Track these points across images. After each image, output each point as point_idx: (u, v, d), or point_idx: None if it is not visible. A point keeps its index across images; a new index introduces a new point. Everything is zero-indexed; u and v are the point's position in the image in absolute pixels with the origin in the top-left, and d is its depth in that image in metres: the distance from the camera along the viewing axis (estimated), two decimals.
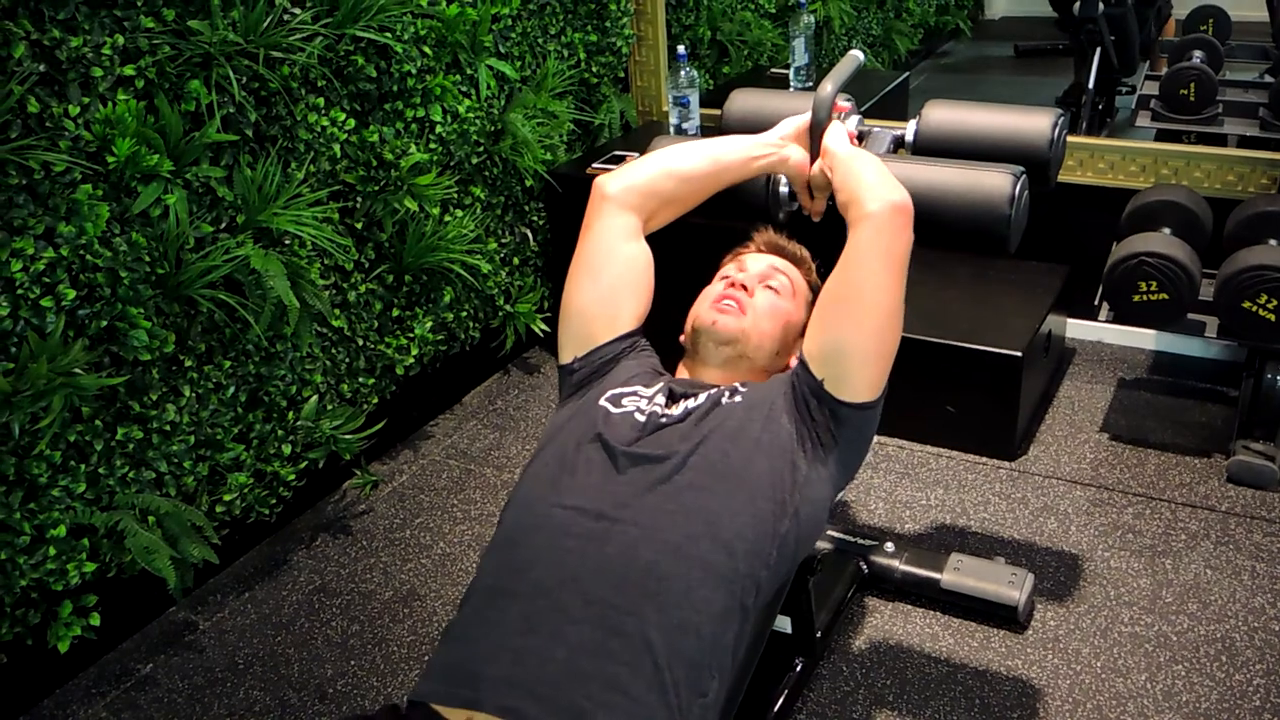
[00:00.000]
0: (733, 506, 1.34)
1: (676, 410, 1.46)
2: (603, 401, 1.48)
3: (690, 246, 1.75)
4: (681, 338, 1.66)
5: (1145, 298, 2.35)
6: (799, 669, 1.95)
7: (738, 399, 1.46)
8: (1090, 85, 3.99)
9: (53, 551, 1.90)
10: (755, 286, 1.61)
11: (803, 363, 1.46)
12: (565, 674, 1.19)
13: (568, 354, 1.60)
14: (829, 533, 2.26)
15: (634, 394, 1.50)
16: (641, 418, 1.44)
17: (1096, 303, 2.48)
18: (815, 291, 1.69)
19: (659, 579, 1.26)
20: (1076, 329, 3.06)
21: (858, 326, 1.42)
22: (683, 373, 1.62)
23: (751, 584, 1.33)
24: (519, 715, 1.16)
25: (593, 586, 1.25)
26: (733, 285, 1.61)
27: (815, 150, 1.65)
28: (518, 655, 1.21)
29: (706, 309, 1.59)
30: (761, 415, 1.43)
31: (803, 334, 1.63)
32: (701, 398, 1.47)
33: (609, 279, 1.59)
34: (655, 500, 1.33)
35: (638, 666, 1.20)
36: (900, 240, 1.45)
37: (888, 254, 1.44)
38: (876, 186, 1.47)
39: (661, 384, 1.53)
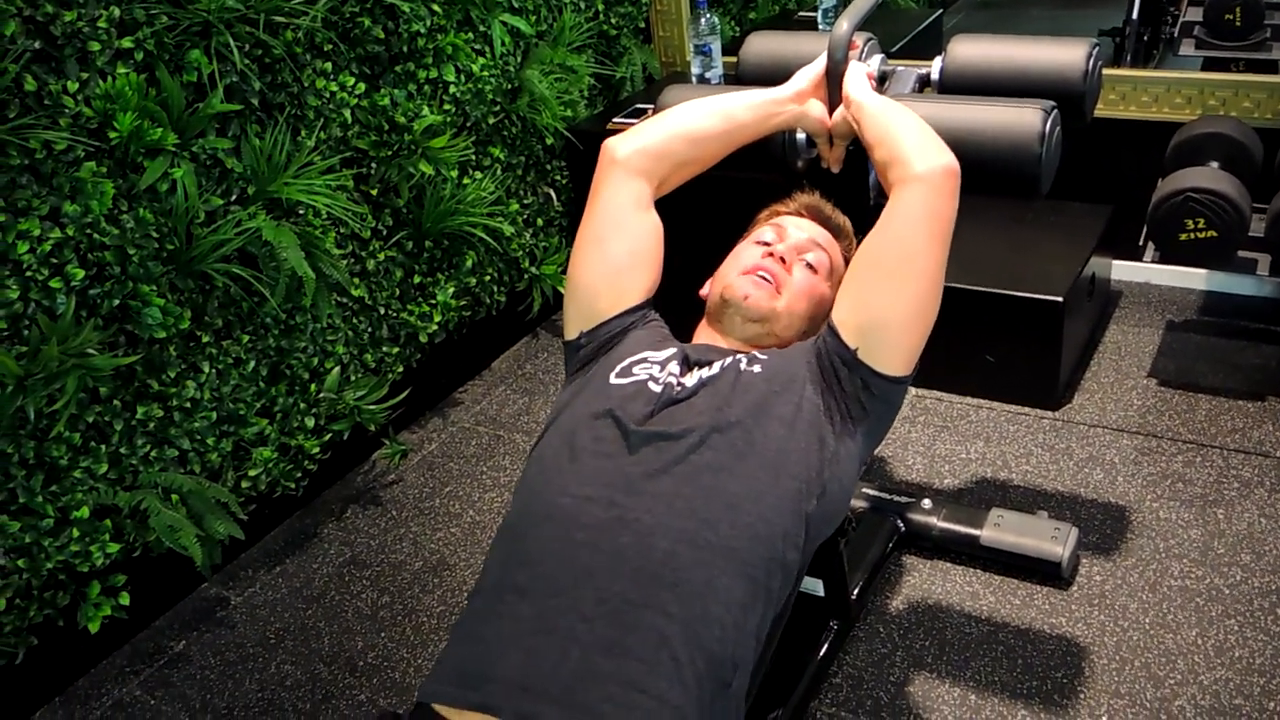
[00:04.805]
0: (756, 488, 1.26)
1: (690, 380, 1.37)
2: (613, 377, 1.40)
3: (702, 199, 1.68)
4: (703, 292, 1.57)
5: (1193, 236, 2.24)
6: (834, 631, 1.90)
7: (756, 368, 1.37)
8: (1134, 14, 3.82)
9: (76, 533, 1.90)
10: (794, 260, 1.52)
11: (833, 331, 1.37)
12: (581, 675, 1.12)
13: (573, 329, 1.53)
14: (864, 490, 2.20)
15: (643, 360, 1.42)
16: (656, 387, 1.36)
17: (1141, 243, 2.38)
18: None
19: (677, 570, 1.18)
20: (1122, 270, 2.94)
21: (900, 294, 1.34)
22: (700, 336, 1.54)
23: (777, 568, 1.25)
24: None
25: (606, 581, 1.18)
26: (770, 256, 1.51)
27: (835, 98, 1.55)
28: (529, 655, 1.15)
29: (739, 278, 1.49)
30: (784, 386, 1.34)
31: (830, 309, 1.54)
32: (716, 366, 1.39)
33: (616, 252, 1.51)
34: (671, 484, 1.25)
35: (656, 663, 1.13)
36: (949, 206, 1.36)
37: (935, 219, 1.35)
38: (923, 147, 1.37)
39: (674, 349, 1.45)
